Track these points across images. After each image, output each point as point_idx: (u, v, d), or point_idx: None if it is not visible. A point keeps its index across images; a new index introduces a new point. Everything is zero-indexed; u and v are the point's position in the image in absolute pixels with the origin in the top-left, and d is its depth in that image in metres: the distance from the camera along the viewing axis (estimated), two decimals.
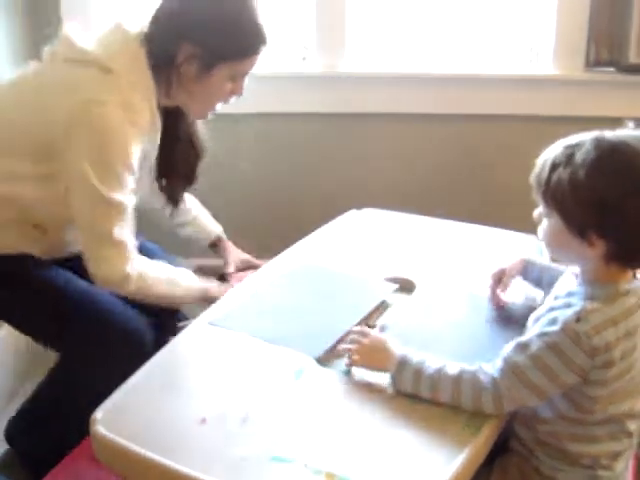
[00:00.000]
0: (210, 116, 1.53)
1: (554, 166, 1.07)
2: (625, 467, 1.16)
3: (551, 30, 2.33)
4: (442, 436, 1.05)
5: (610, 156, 1.04)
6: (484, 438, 1.06)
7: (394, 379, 1.14)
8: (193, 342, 1.30)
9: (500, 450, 1.20)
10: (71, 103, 1.34)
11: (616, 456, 1.13)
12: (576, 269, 1.16)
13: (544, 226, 1.12)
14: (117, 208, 1.38)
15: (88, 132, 1.33)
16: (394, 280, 1.47)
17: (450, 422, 1.08)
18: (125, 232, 1.40)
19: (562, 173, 1.05)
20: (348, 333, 1.25)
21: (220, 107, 1.51)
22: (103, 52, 1.39)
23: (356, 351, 1.18)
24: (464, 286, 1.45)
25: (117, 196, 1.37)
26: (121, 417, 1.10)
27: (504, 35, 2.46)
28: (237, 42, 1.39)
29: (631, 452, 1.17)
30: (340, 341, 1.25)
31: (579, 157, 1.04)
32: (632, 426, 1.14)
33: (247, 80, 1.47)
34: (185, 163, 1.62)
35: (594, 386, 1.07)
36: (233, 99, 1.49)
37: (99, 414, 1.10)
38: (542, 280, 1.35)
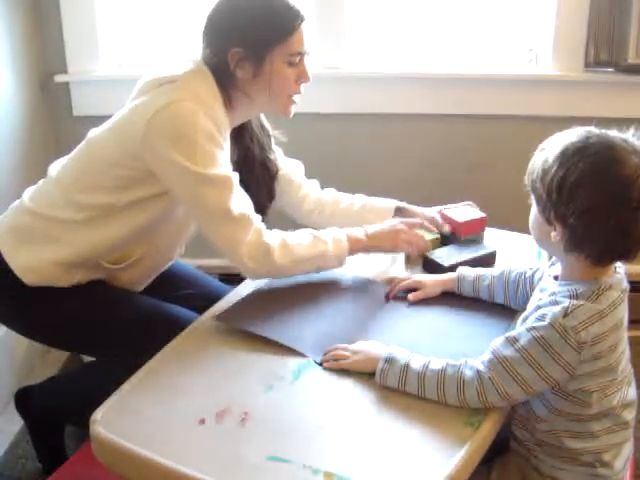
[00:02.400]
0: (293, 111, 1.51)
1: (537, 153, 1.11)
2: (624, 465, 1.17)
3: (550, 30, 2.33)
4: (441, 434, 1.06)
5: (582, 144, 1.05)
6: (483, 435, 1.07)
7: (381, 377, 1.15)
8: (192, 343, 1.31)
9: (500, 449, 1.21)
10: (143, 117, 1.35)
11: (616, 449, 1.14)
12: (555, 271, 1.18)
13: (530, 214, 1.15)
14: (222, 184, 1.36)
15: (163, 125, 1.33)
16: (393, 280, 1.48)
17: (450, 420, 1.09)
18: (242, 204, 1.39)
19: (538, 159, 1.09)
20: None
21: (298, 99, 1.50)
22: (168, 73, 1.43)
23: (343, 365, 1.20)
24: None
25: (215, 171, 1.35)
26: (121, 418, 1.11)
27: (503, 35, 2.47)
28: (272, 25, 1.40)
29: (630, 444, 1.18)
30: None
31: (557, 143, 1.07)
32: (628, 416, 1.15)
33: (307, 63, 1.46)
34: (261, 184, 1.61)
35: (586, 378, 1.08)
36: (303, 87, 1.48)
37: (99, 415, 1.11)
38: (479, 290, 1.38)
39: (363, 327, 1.32)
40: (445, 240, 1.62)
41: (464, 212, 1.64)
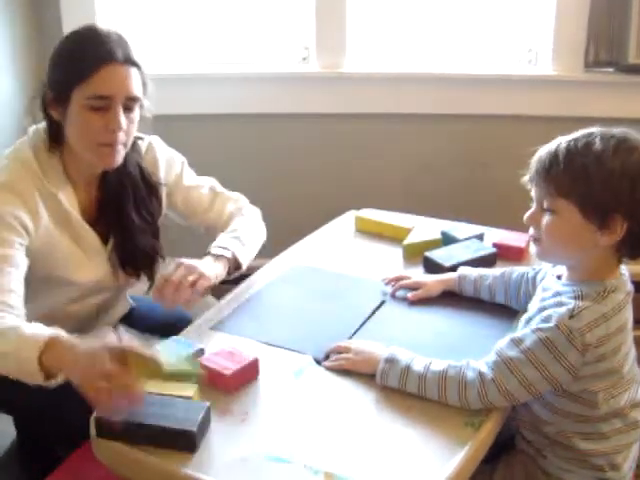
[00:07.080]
0: (119, 160, 1.38)
1: (570, 156, 1.07)
2: (631, 466, 1.17)
3: (550, 31, 2.34)
4: (442, 434, 1.06)
5: (625, 143, 1.06)
6: (484, 436, 1.07)
7: (382, 377, 1.15)
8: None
9: (504, 448, 1.21)
10: None
11: (626, 451, 1.14)
12: (560, 270, 1.17)
13: (547, 222, 1.11)
14: None
15: None
16: (393, 281, 1.47)
17: (450, 420, 1.09)
18: None
19: (586, 160, 1.05)
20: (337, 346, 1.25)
21: (120, 146, 1.36)
22: None
23: (344, 365, 1.20)
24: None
25: None
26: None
27: (504, 35, 2.47)
28: (72, 65, 1.33)
29: (637, 445, 1.18)
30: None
31: (599, 145, 1.05)
32: (638, 416, 1.15)
33: (121, 113, 1.32)
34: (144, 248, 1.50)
35: (589, 380, 1.09)
36: (120, 135, 1.34)
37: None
38: (480, 289, 1.38)
39: (363, 327, 1.32)
40: (445, 240, 1.62)
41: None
